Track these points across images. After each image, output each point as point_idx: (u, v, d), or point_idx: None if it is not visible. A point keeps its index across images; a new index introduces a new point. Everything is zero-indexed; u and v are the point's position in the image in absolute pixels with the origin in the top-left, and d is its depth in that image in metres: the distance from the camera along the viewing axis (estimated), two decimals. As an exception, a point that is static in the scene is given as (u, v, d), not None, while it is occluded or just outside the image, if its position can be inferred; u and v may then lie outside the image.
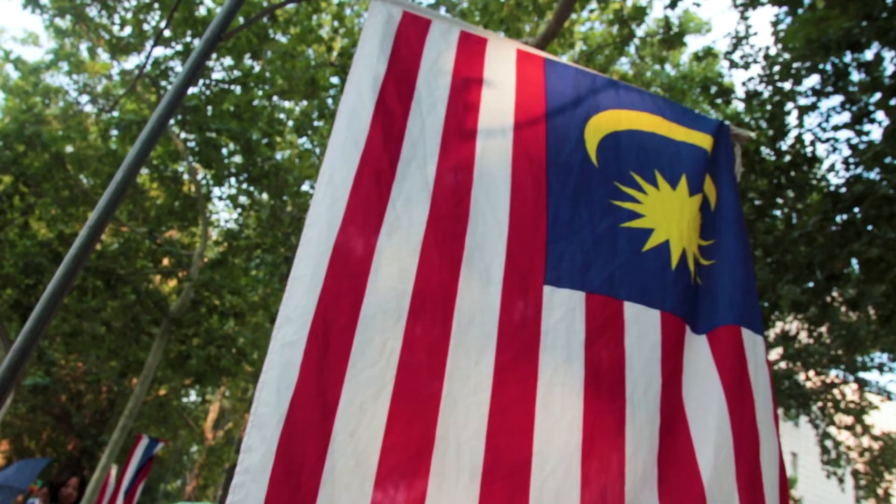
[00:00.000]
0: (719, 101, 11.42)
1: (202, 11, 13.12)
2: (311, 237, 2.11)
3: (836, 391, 17.89)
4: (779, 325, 16.09)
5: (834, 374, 17.93)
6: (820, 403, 18.02)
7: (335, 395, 1.90)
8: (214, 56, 13.20)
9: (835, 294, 12.17)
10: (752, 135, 2.86)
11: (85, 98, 13.99)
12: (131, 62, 24.25)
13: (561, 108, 2.61)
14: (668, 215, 2.48)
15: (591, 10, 11.40)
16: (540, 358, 2.11)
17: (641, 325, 2.25)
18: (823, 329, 16.08)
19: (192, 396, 27.12)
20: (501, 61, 2.66)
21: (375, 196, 2.21)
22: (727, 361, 2.23)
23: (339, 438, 1.86)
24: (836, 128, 9.22)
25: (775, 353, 18.57)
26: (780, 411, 18.26)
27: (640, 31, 13.73)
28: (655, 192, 2.54)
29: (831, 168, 10.39)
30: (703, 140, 2.71)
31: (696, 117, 2.81)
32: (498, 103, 2.55)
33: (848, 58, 9.38)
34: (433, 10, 2.75)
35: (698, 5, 9.41)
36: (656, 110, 2.76)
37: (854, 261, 10.13)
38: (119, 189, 2.24)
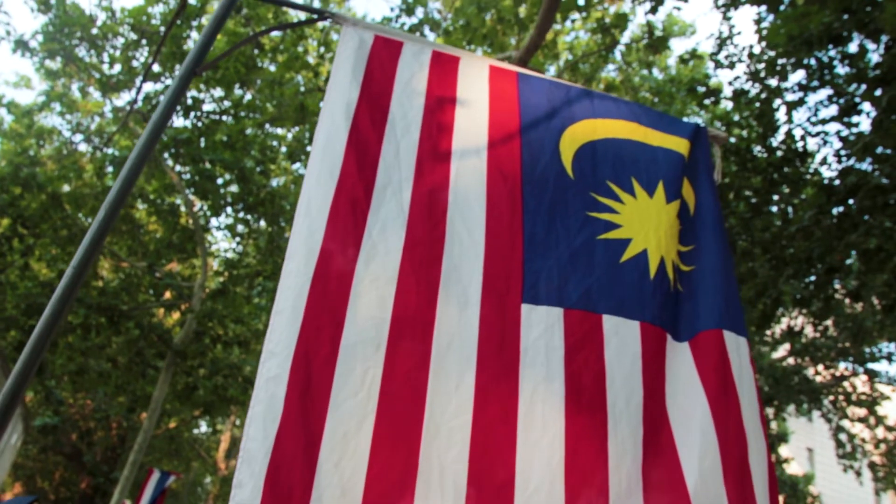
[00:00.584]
0: (707, 102, 11.46)
1: (190, 45, 13.24)
2: (290, 269, 2.13)
3: (846, 384, 17.79)
4: (784, 321, 16.05)
5: (843, 367, 17.84)
6: (831, 397, 17.91)
7: (319, 427, 1.92)
8: (204, 87, 13.31)
9: (837, 286, 12.14)
10: (730, 136, 2.87)
11: (79, 137, 14.10)
12: (123, 99, 24.46)
13: (535, 122, 2.62)
14: (645, 224, 2.48)
15: (574, 21, 11.49)
16: (520, 377, 2.12)
17: (621, 337, 2.25)
18: (829, 322, 16.02)
19: (203, 427, 27.06)
20: (474, 79, 2.68)
21: (352, 225, 2.23)
22: (709, 366, 2.23)
23: (324, 469, 1.87)
24: (823, 121, 9.25)
25: (782, 350, 18.49)
26: (792, 408, 18.16)
27: (625, 38, 13.82)
28: (632, 201, 2.54)
29: (823, 161, 10.42)
30: (680, 144, 2.71)
31: (672, 121, 2.82)
32: (472, 122, 2.57)
33: (832, 52, 9.44)
34: (405, 33, 2.78)
35: (679, 9, 9.47)
36: (632, 117, 2.77)
37: (853, 252, 10.13)
38: (102, 228, 2.26)
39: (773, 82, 10.58)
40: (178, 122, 13.80)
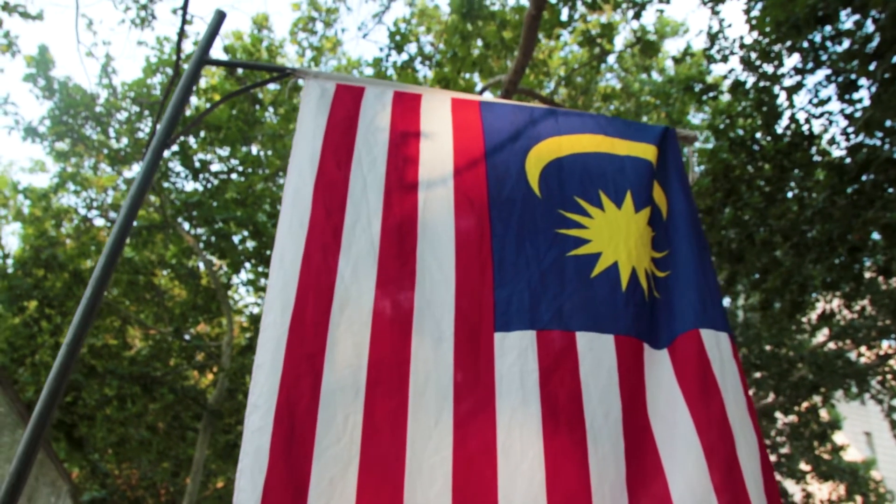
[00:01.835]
0: (706, 98, 11.42)
1: (192, 109, 13.55)
2: (268, 323, 2.17)
3: (892, 362, 17.37)
4: (819, 305, 15.77)
5: (886, 346, 17.43)
6: (878, 378, 17.49)
7: (305, 475, 1.95)
8: (209, 148, 13.59)
9: (867, 264, 11.91)
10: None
11: (94, 213, 14.42)
12: (133, 170, 24.99)
13: (500, 146, 2.64)
14: (614, 236, 2.48)
15: (559, 36, 11.56)
16: (497, 405, 2.12)
17: (595, 352, 2.24)
18: (865, 302, 15.72)
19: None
20: (437, 112, 2.71)
21: (324, 271, 2.26)
22: (687, 368, 2.21)
23: None
24: (821, 102, 9.18)
25: (821, 336, 18.15)
26: (840, 393, 17.74)
27: (619, 45, 13.87)
28: (601, 214, 2.54)
29: (832, 141, 10.32)
30: (647, 151, 2.71)
31: (639, 128, 2.82)
32: (437, 153, 2.59)
33: (824, 32, 9.39)
34: (366, 78, 2.84)
35: (662, 11, 9.50)
36: (597, 129, 2.77)
37: (875, 230, 9.97)
38: (91, 302, 2.33)
39: (769, 69, 10.54)
40: (189, 185, 14.10)
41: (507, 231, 2.45)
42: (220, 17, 2.91)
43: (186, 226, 13.88)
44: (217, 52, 14.05)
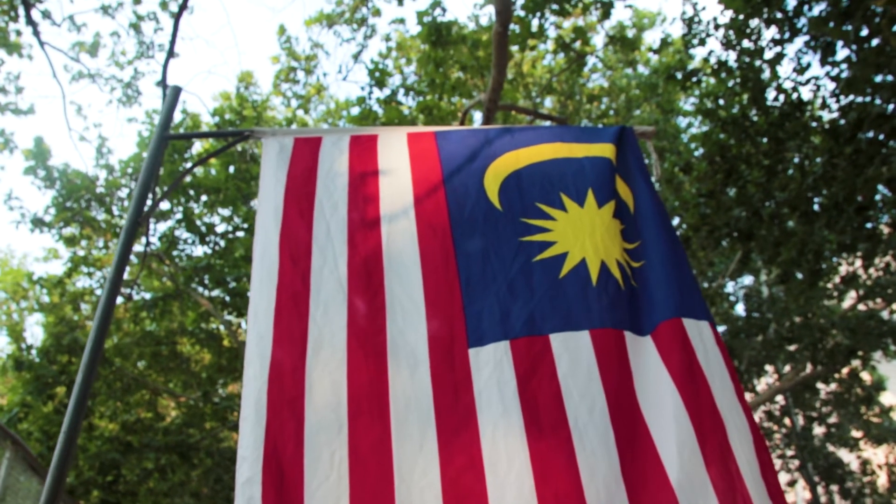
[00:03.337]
0: (689, 84, 11.43)
1: (192, 176, 13.76)
2: (248, 377, 2.23)
3: (925, 315, 17.07)
4: (842, 269, 15.58)
5: (918, 299, 17.14)
6: (916, 333, 17.18)
7: None
8: (214, 211, 13.77)
9: (885, 220, 11.76)
10: (653, 128, 2.89)
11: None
12: (142, 243, 25.29)
13: (457, 169, 2.68)
14: (579, 234, 2.50)
15: (533, 47, 11.65)
16: (478, 420, 2.14)
17: (571, 351, 2.25)
18: (888, 258, 15.51)
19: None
20: (393, 149, 2.76)
21: (296, 318, 2.31)
22: (673, 356, 2.21)
23: None
24: (802, 69, 9.17)
25: (850, 299, 17.90)
26: (879, 354, 17.43)
27: (600, 45, 13.96)
28: (564, 216, 2.56)
29: (823, 105, 10.28)
30: (605, 149, 2.74)
31: (595, 131, 2.86)
32: (396, 188, 2.64)
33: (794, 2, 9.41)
34: (323, 128, 2.90)
35: (630, 6, 9.56)
36: (554, 138, 2.81)
37: (879, 186, 9.89)
38: (85, 381, 2.40)
39: (748, 45, 10.54)
40: (198, 250, 14.28)
41: (471, 249, 2.48)
42: (175, 92, 2.99)
43: (201, 290, 14.03)
44: (205, 117, 14.30)
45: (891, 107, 8.89)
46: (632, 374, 2.24)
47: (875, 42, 8.10)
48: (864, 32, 8.13)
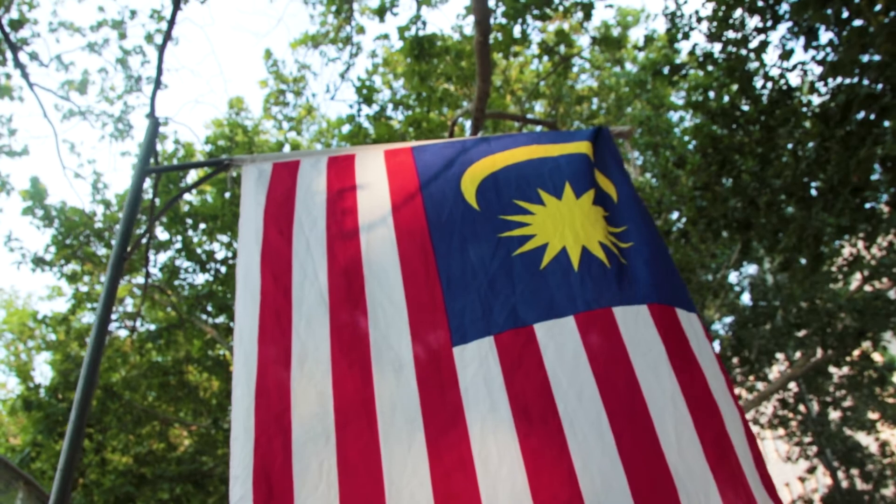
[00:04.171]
0: (676, 77, 11.45)
1: (188, 204, 13.81)
2: (236, 397, 2.24)
3: (932, 291, 17.01)
4: (845, 251, 15.56)
5: (922, 276, 17.08)
6: (925, 310, 17.10)
7: None
8: (212, 238, 13.81)
9: (884, 199, 11.73)
10: (630, 128, 2.91)
11: (115, 325, 14.66)
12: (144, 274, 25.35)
13: (434, 177, 2.71)
14: (558, 225, 2.51)
15: (516, 54, 11.70)
16: (466, 417, 2.15)
17: (556, 338, 2.25)
18: (891, 237, 15.48)
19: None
20: (371, 165, 2.79)
21: (279, 334, 2.33)
22: (671, 338, 2.22)
23: None
24: (786, 56, 9.18)
25: (855, 281, 17.86)
26: (888, 334, 17.34)
27: (586, 45, 13.98)
28: (542, 209, 2.58)
29: (812, 89, 10.29)
30: (581, 146, 2.76)
31: (572, 133, 2.89)
32: (374, 200, 2.67)
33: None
34: (301, 152, 2.92)
35: (611, 6, 9.60)
36: (530, 141, 2.85)
37: (876, 166, 9.89)
38: (80, 410, 2.41)
39: (733, 35, 10.56)
40: (199, 278, 14.31)
41: (450, 249, 2.50)
42: (154, 125, 3.01)
43: (204, 317, 14.05)
44: (198, 145, 14.37)
45: (879, 86, 8.89)
46: (626, 349, 2.22)
47: (857, 23, 8.12)
48: (846, 14, 8.15)
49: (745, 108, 10.95)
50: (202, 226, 13.99)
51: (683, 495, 1.93)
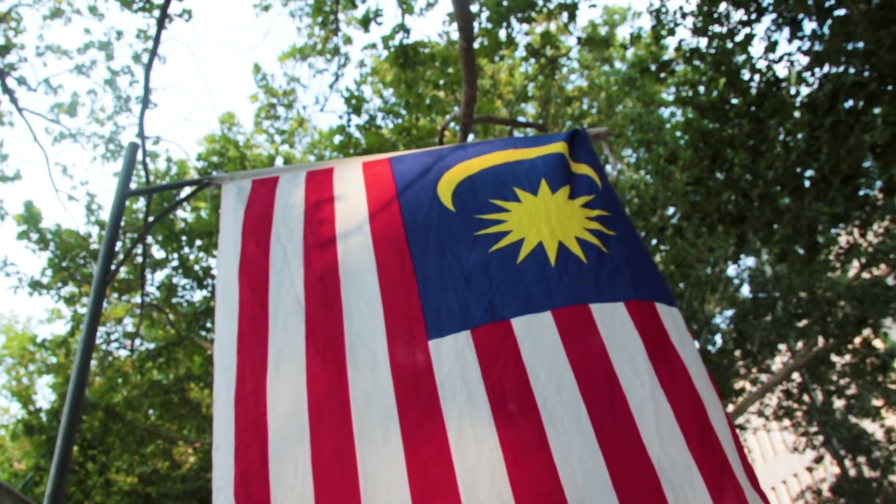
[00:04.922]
0: (663, 74, 11.47)
1: (184, 222, 13.82)
2: (217, 407, 2.25)
3: (930, 275, 17.03)
4: (842, 239, 15.57)
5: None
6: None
7: None
8: (209, 254, 13.81)
9: (879, 186, 11.74)
10: (607, 129, 2.93)
11: (115, 345, 14.65)
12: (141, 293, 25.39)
13: (411, 183, 2.73)
14: (534, 220, 2.53)
15: (502, 58, 11.73)
16: (443, 410, 2.14)
17: (534, 332, 2.25)
18: (886, 223, 15.51)
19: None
20: (349, 176, 2.81)
21: (256, 343, 2.34)
22: (649, 333, 2.22)
23: None
24: (772, 47, 9.21)
25: (853, 269, 17.88)
26: (889, 320, 17.34)
27: (574, 46, 14.02)
28: (518, 206, 2.60)
29: (799, 80, 10.32)
30: (557, 147, 2.79)
31: (549, 136, 2.92)
32: (351, 209, 2.68)
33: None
34: (280, 167, 2.94)
35: (594, 6, 9.63)
36: (506, 146, 2.88)
37: (868, 154, 9.91)
38: (68, 430, 2.41)
39: (718, 29, 10.59)
40: (197, 295, 14.31)
41: (426, 250, 2.50)
42: (133, 149, 3.02)
43: (203, 334, 14.04)
44: (192, 162, 14.38)
45: (865, 74, 8.92)
46: (604, 344, 2.22)
47: (840, 12, 8.15)
48: (828, 4, 8.18)
49: (735, 101, 10.98)
50: (198, 242, 13.99)
51: (667, 486, 1.93)
